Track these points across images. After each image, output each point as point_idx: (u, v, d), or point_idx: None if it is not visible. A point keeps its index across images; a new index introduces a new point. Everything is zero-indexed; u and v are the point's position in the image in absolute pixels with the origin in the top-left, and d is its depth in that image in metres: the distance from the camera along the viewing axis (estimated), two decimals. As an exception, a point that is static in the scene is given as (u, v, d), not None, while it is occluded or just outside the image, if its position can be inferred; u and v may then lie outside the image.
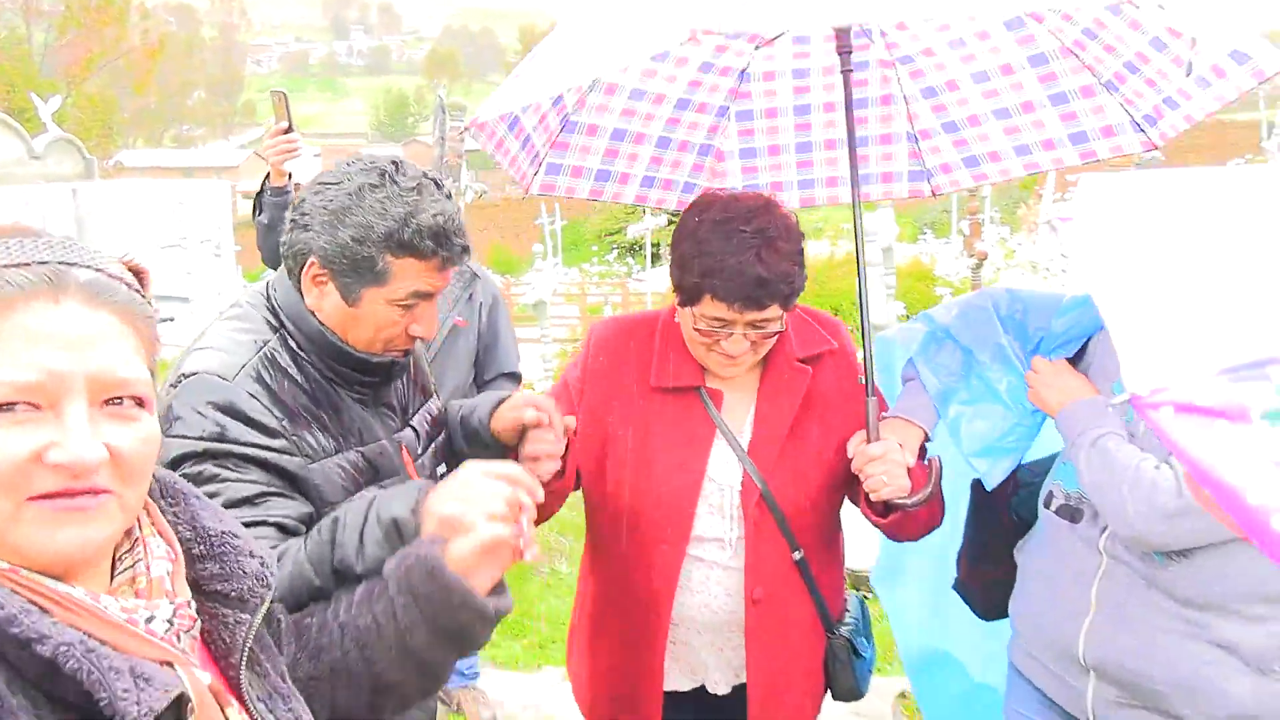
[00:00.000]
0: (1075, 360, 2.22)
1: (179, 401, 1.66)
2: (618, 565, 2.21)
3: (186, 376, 1.69)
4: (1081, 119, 2.50)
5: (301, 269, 1.80)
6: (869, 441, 2.09)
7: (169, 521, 1.11)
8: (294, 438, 1.71)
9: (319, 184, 1.80)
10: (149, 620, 0.99)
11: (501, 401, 2.04)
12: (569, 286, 20.66)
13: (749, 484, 2.13)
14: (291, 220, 1.82)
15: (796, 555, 2.17)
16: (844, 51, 2.24)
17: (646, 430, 2.18)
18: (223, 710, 1.05)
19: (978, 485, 2.38)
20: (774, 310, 2.03)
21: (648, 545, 2.16)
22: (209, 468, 1.61)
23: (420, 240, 1.73)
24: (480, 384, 3.43)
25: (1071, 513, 2.12)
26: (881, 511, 2.09)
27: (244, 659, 1.12)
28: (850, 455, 2.10)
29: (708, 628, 2.20)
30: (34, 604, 0.91)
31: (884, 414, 2.20)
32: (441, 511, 1.45)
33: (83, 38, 34.32)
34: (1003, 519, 2.41)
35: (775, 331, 2.07)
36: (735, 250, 1.99)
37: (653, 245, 20.53)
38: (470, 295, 3.56)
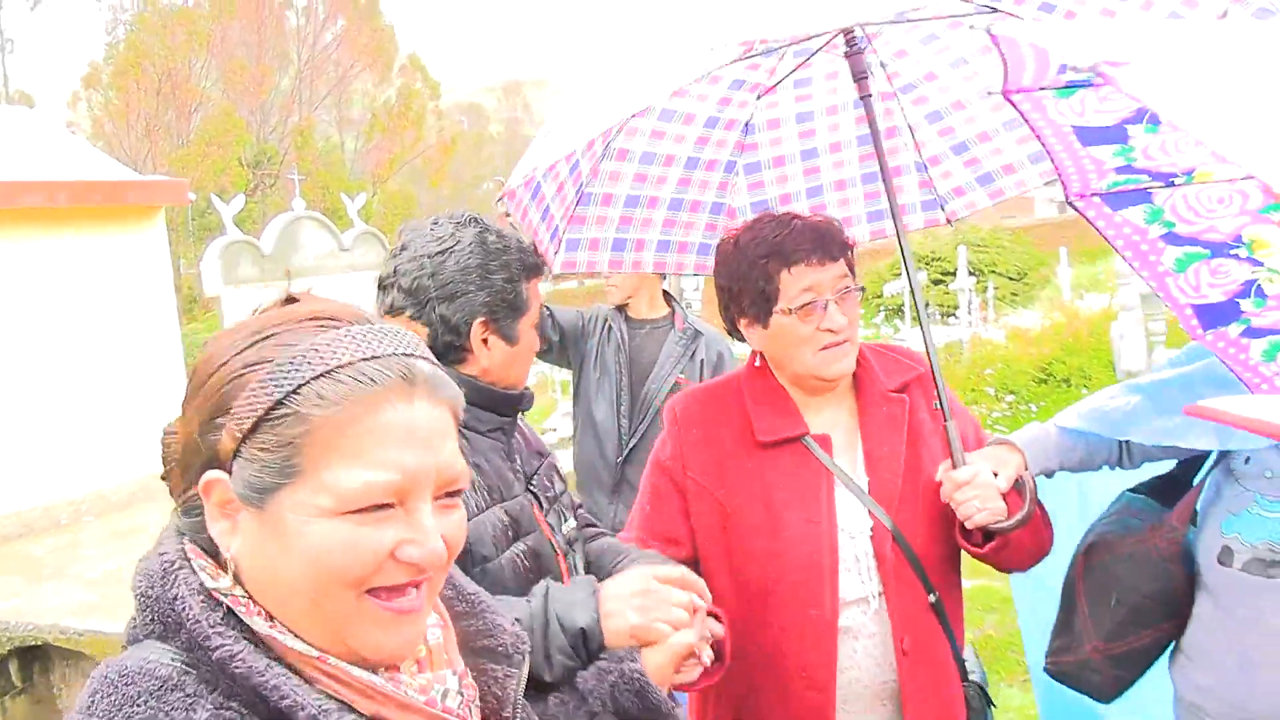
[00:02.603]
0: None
1: None
2: (767, 644, 2.02)
3: None
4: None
5: (465, 337, 1.81)
6: (954, 468, 1.98)
7: None
8: None
9: (426, 257, 1.79)
10: (444, 696, 0.99)
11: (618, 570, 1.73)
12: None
13: (879, 528, 2.01)
14: (416, 303, 1.79)
15: (932, 598, 2.03)
16: (861, 77, 2.22)
17: (765, 491, 2.05)
18: None
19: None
20: (844, 266, 2.03)
21: (793, 613, 1.99)
22: None
23: (537, 258, 1.90)
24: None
25: (1266, 566, 1.86)
26: (980, 541, 1.98)
27: (516, 714, 1.11)
28: (938, 481, 2.01)
29: (866, 700, 2.03)
30: (326, 692, 0.91)
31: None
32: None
33: (386, 141, 37.75)
34: (1172, 570, 2.04)
35: (857, 291, 2.05)
36: (784, 226, 2.03)
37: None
38: (693, 354, 3.65)
